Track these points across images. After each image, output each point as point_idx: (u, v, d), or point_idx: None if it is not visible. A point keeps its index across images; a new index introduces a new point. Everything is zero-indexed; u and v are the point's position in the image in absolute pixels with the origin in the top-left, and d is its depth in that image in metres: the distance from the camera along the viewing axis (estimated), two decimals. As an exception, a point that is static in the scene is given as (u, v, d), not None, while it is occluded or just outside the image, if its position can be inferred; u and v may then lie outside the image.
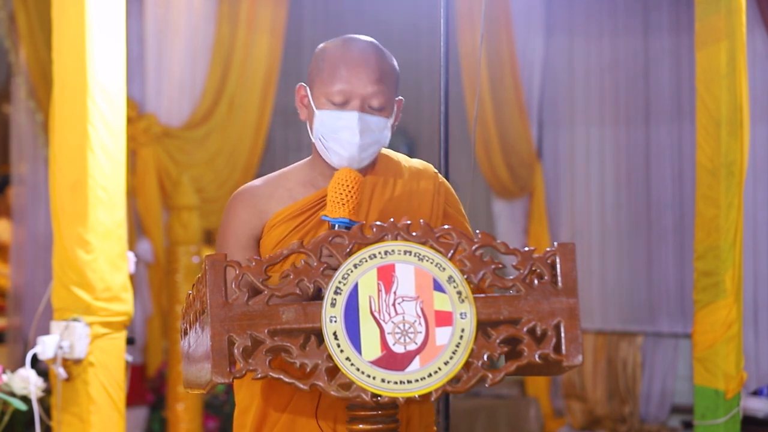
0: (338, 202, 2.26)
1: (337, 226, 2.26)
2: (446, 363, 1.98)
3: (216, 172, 6.19)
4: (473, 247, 2.02)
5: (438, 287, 2.00)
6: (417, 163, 2.57)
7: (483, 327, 2.00)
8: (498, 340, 2.00)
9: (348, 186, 2.26)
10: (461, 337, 1.99)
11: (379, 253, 2.01)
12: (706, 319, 4.48)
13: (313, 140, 2.44)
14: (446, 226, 2.05)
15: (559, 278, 2.03)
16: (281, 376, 1.96)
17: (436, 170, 2.58)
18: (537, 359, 2.00)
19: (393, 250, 2.01)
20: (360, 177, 2.28)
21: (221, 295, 1.98)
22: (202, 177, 6.09)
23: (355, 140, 2.37)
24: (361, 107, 2.38)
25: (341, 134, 2.38)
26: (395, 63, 2.46)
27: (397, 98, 2.46)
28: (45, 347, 3.75)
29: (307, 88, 2.45)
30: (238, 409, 2.48)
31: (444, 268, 2.01)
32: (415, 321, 1.99)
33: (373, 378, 1.97)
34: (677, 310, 6.96)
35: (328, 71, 2.40)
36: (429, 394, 1.98)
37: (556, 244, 2.04)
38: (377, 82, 2.39)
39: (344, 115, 2.38)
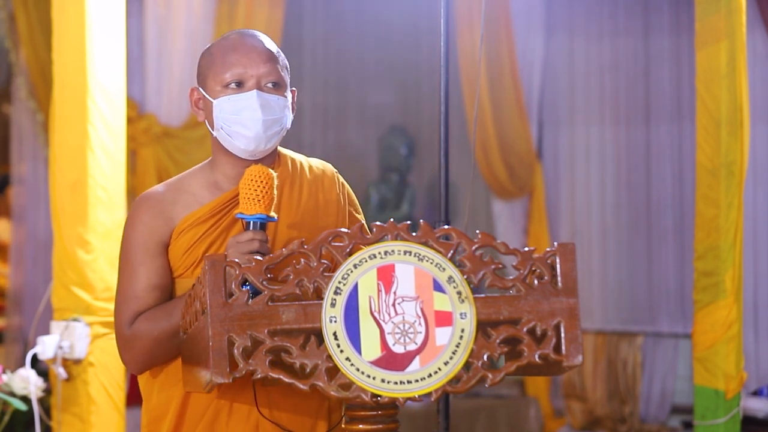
0: (253, 199, 2.26)
1: (251, 223, 2.26)
2: (446, 363, 1.98)
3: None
4: (473, 247, 2.02)
5: (438, 287, 2.00)
6: (317, 162, 2.58)
7: (483, 327, 2.00)
8: (498, 340, 2.00)
9: (261, 182, 2.26)
10: (461, 337, 1.99)
11: (379, 253, 2.01)
12: (706, 319, 4.48)
13: (214, 134, 2.45)
14: (446, 226, 2.05)
15: (559, 278, 2.03)
16: (281, 376, 1.96)
17: (334, 169, 2.59)
18: (537, 359, 2.00)
19: (393, 250, 2.01)
20: (271, 173, 2.28)
21: (221, 295, 1.98)
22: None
23: (257, 116, 2.38)
24: (257, 86, 2.40)
25: (243, 114, 2.39)
26: (281, 51, 2.48)
27: (291, 88, 2.48)
28: (45, 347, 3.75)
29: (200, 89, 2.47)
30: (150, 416, 2.44)
31: (444, 268, 2.01)
32: (415, 321, 1.99)
33: (373, 378, 1.97)
34: (677, 310, 6.95)
35: (218, 62, 2.43)
36: (429, 394, 1.98)
37: (556, 244, 2.04)
38: (268, 61, 2.41)
39: (243, 96, 2.39)
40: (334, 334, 1.97)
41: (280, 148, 2.52)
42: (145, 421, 2.46)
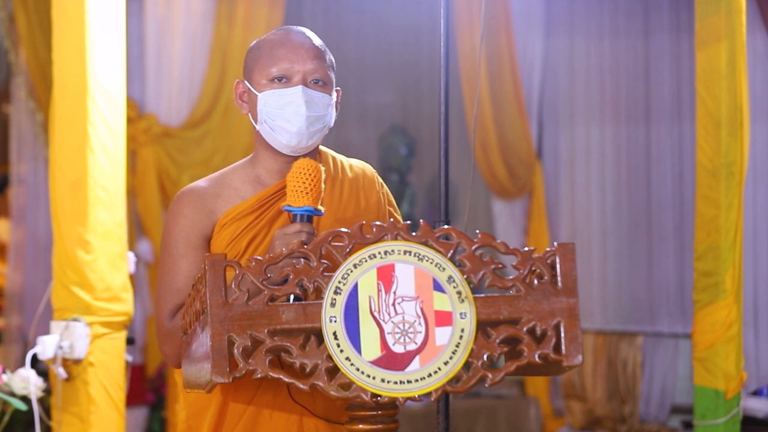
0: (301, 192, 2.27)
1: (299, 216, 2.26)
2: (446, 363, 1.98)
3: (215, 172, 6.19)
4: (473, 247, 2.02)
5: (438, 287, 2.00)
6: (357, 162, 2.61)
7: (483, 327, 2.00)
8: (498, 340, 2.00)
9: (310, 175, 2.27)
10: (461, 337, 1.99)
11: (379, 253, 2.01)
12: (706, 319, 4.48)
13: (257, 127, 2.46)
14: (446, 226, 2.05)
15: (559, 278, 2.02)
16: (281, 376, 1.96)
17: (374, 170, 2.62)
18: (537, 359, 2.00)
19: (393, 250, 2.01)
20: (319, 166, 2.29)
21: (221, 295, 1.98)
22: (201, 177, 6.08)
23: (302, 112, 2.39)
24: (303, 82, 2.42)
25: (287, 109, 2.40)
26: (328, 49, 2.50)
27: (336, 87, 2.50)
28: (45, 347, 3.75)
29: (245, 82, 2.48)
30: (190, 411, 2.45)
31: (444, 268, 2.01)
32: (415, 321, 1.99)
33: (373, 378, 1.97)
34: (677, 310, 6.95)
35: (266, 56, 2.44)
36: (429, 394, 1.98)
37: (555, 244, 2.04)
38: (315, 58, 2.43)
39: (288, 91, 2.41)
40: (334, 333, 1.97)
41: (321, 147, 2.54)
42: (183, 416, 2.47)
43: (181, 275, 2.40)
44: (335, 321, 1.97)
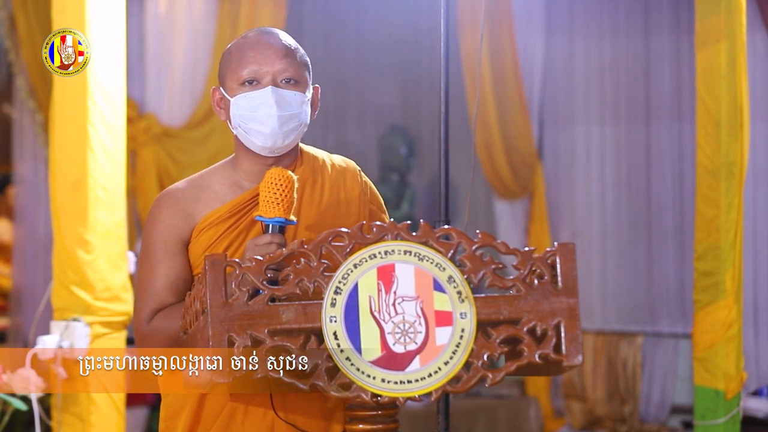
0: (272, 202, 2.25)
1: (271, 226, 2.26)
2: (446, 363, 1.98)
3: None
4: (473, 247, 2.02)
5: (438, 287, 2.00)
6: (339, 159, 2.58)
7: (483, 327, 2.00)
8: (498, 340, 2.00)
9: (281, 185, 2.26)
10: (461, 337, 1.99)
11: (379, 253, 2.01)
12: (706, 319, 4.48)
13: (234, 131, 2.44)
14: (446, 226, 2.05)
15: (559, 278, 2.03)
16: (281, 376, 1.96)
17: (357, 167, 2.59)
18: (537, 359, 2.00)
19: (393, 250, 2.01)
20: (292, 176, 2.28)
21: (221, 295, 1.98)
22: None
23: (273, 113, 2.38)
24: (273, 82, 2.40)
25: (259, 111, 2.39)
26: (300, 48, 2.49)
27: (313, 84, 2.49)
28: (45, 347, 3.75)
29: (220, 88, 2.47)
30: (167, 412, 2.44)
31: (444, 268, 2.01)
32: (415, 321, 1.99)
33: (373, 378, 1.97)
34: (677, 310, 6.95)
35: (235, 60, 2.43)
36: (429, 394, 1.98)
37: (556, 244, 2.04)
38: (284, 57, 2.42)
39: (258, 93, 2.40)
40: (335, 333, 1.97)
41: (302, 146, 2.52)
42: (163, 416, 2.47)
43: (158, 280, 2.40)
44: (335, 321, 1.97)
